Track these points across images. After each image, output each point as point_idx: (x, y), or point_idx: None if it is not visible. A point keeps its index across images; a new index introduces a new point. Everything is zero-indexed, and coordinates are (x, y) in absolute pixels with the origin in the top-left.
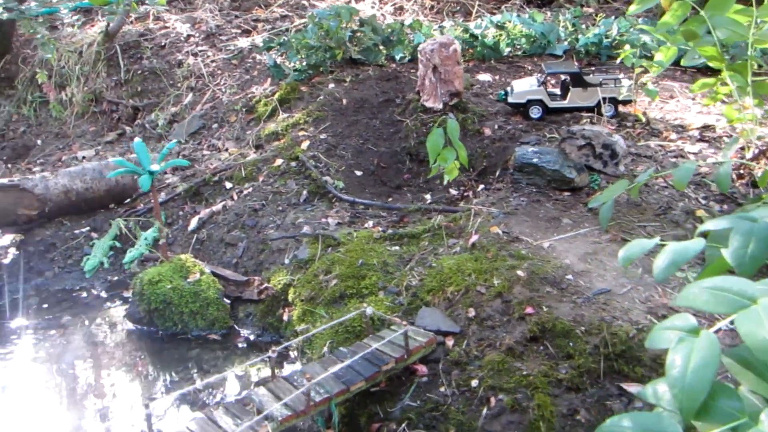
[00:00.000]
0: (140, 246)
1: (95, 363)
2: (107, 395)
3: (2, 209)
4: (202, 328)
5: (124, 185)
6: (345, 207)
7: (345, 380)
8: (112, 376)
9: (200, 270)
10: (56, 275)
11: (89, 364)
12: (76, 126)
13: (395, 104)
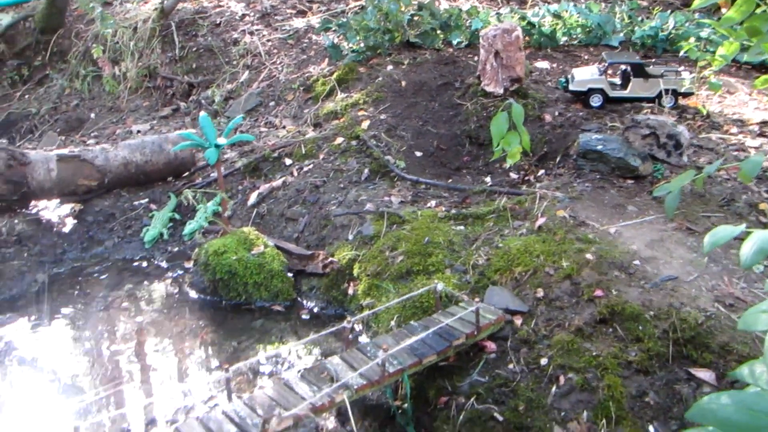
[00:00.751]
0: (200, 218)
1: (160, 330)
2: (175, 362)
3: (63, 179)
4: (265, 299)
5: (183, 159)
6: (407, 186)
7: (417, 353)
8: (178, 344)
9: (263, 243)
10: (116, 245)
11: (155, 332)
12: (129, 100)
13: (454, 88)
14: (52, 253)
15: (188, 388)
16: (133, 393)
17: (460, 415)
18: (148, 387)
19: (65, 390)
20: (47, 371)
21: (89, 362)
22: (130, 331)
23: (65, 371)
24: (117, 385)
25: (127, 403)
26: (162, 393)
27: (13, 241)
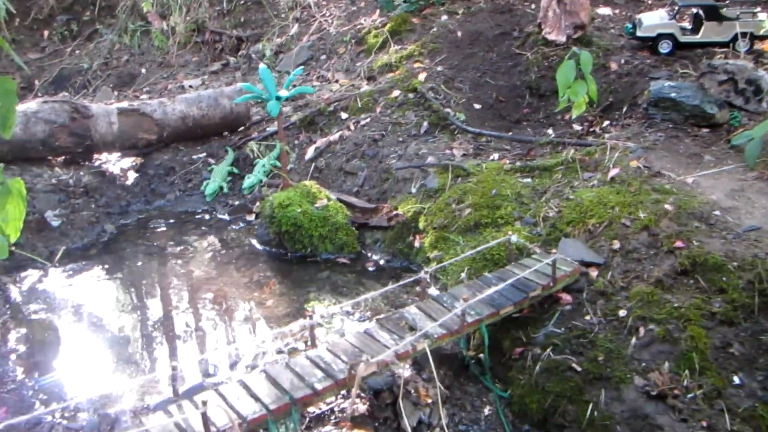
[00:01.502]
0: (258, 172)
1: (228, 281)
2: (246, 310)
3: (123, 132)
4: (330, 251)
5: (238, 113)
6: (467, 139)
7: (494, 304)
8: (247, 293)
9: (326, 196)
10: (177, 198)
11: (223, 282)
12: (179, 56)
13: (512, 37)
14: (118, 205)
15: (263, 334)
16: (210, 339)
17: (536, 365)
18: (221, 334)
19: (141, 336)
20: (120, 318)
21: (161, 310)
22: (199, 281)
23: (138, 318)
24: (193, 332)
25: (207, 348)
26: (239, 339)
27: (80, 192)
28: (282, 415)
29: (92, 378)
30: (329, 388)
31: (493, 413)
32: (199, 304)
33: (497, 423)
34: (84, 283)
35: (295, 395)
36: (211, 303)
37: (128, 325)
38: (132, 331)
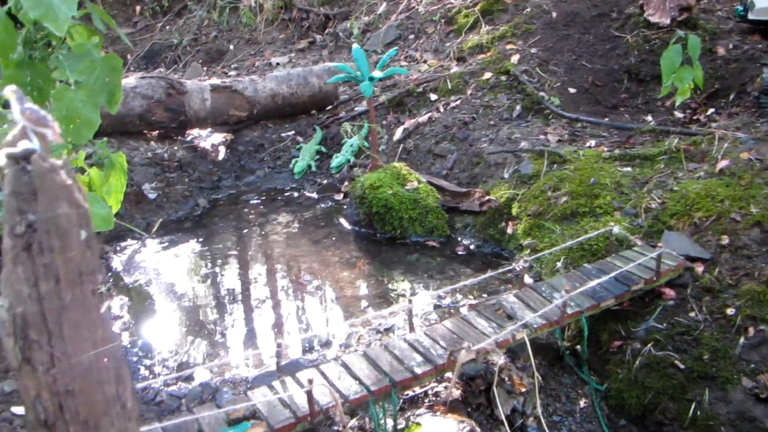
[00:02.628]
0: (346, 152)
1: (318, 259)
2: (335, 289)
3: (216, 109)
4: (420, 234)
5: (327, 92)
6: (562, 124)
7: (595, 296)
8: (336, 272)
9: (416, 179)
10: (267, 175)
11: (313, 260)
12: (266, 33)
13: (611, 19)
14: (210, 180)
15: (356, 314)
16: (302, 316)
17: (636, 360)
18: (313, 311)
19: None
20: (214, 290)
21: (253, 284)
22: (289, 258)
23: (231, 291)
24: (285, 308)
25: (299, 325)
26: (330, 318)
27: (175, 167)
28: (382, 397)
29: (189, 347)
30: (428, 372)
31: (589, 406)
32: (290, 280)
33: (592, 416)
34: (179, 255)
35: (395, 378)
36: (300, 280)
37: (222, 297)
38: (227, 303)
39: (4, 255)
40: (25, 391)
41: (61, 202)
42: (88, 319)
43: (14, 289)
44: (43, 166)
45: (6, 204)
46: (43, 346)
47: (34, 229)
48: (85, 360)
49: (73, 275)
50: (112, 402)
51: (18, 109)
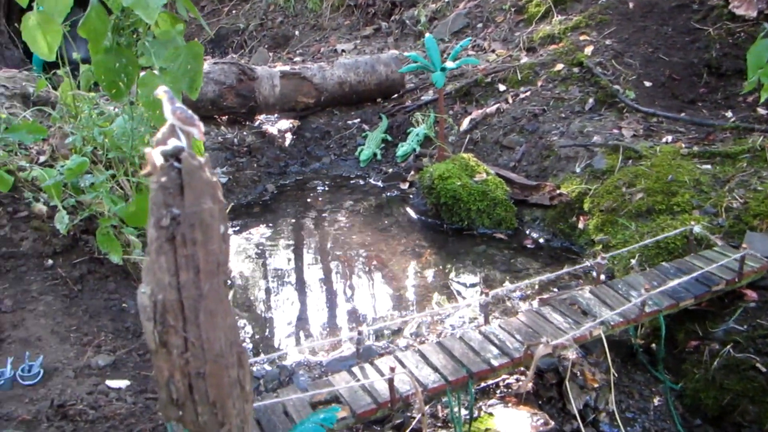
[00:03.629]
0: (411, 141)
1: (384, 247)
2: (403, 278)
3: (284, 95)
4: (488, 226)
5: (393, 80)
6: (636, 119)
7: (675, 296)
8: (403, 261)
9: (484, 170)
10: (333, 162)
11: (379, 248)
12: (331, 19)
13: (691, 10)
14: (277, 166)
15: (428, 304)
16: (371, 304)
17: (714, 360)
18: (382, 299)
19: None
20: (283, 274)
21: (322, 270)
22: (356, 245)
23: (300, 276)
24: (355, 295)
25: (369, 312)
26: (399, 306)
27: (244, 152)
28: (459, 387)
29: (262, 330)
30: (505, 365)
31: (663, 404)
32: (357, 267)
33: (666, 414)
34: (249, 239)
35: (472, 369)
36: (369, 268)
37: (292, 282)
38: (296, 288)
39: (149, 245)
40: (160, 372)
41: (206, 198)
42: (221, 307)
43: (156, 278)
44: (192, 164)
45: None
46: (179, 331)
47: (178, 222)
48: (216, 345)
49: (212, 266)
50: (234, 385)
51: (169, 109)
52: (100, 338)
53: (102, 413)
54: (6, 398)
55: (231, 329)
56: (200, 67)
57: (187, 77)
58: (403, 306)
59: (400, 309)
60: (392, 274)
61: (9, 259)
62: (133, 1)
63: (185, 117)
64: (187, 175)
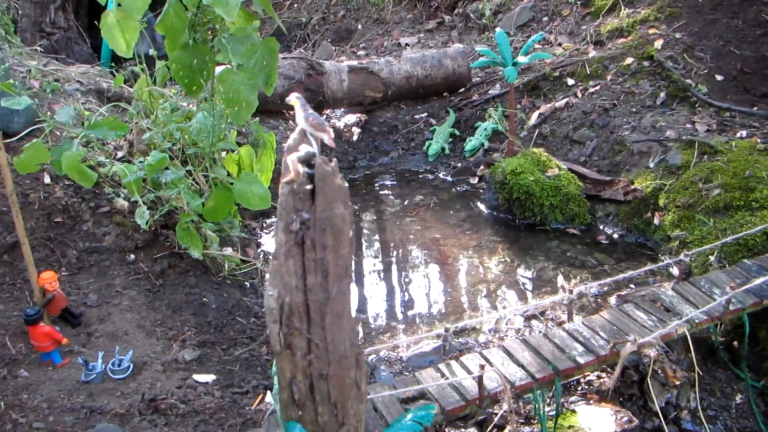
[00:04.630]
0: (480, 136)
1: (456, 242)
2: (476, 274)
3: (352, 89)
4: (560, 221)
5: (460, 74)
6: (709, 113)
7: (759, 294)
8: (476, 257)
9: (557, 165)
10: (401, 156)
11: (451, 243)
12: (393, 12)
13: (762, 2)
14: (345, 160)
15: (505, 300)
16: (447, 300)
17: None
18: (456, 295)
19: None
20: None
21: (394, 265)
22: (428, 240)
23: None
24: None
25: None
26: (475, 303)
27: None
28: (546, 385)
29: None
30: (591, 362)
31: (744, 402)
32: (431, 263)
33: (748, 412)
34: None
35: (558, 366)
36: (441, 263)
37: (367, 277)
38: (371, 283)
39: (277, 249)
40: (282, 372)
41: (337, 203)
42: (347, 309)
43: (283, 281)
44: (326, 170)
45: (283, 202)
46: (303, 333)
47: (307, 226)
48: (341, 347)
49: (341, 270)
50: (353, 385)
51: (302, 115)
52: (185, 333)
53: (192, 407)
54: (98, 392)
55: (353, 331)
56: (275, 63)
57: (263, 73)
58: (479, 302)
59: (477, 305)
60: (466, 270)
61: (93, 254)
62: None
63: (317, 123)
64: (320, 180)
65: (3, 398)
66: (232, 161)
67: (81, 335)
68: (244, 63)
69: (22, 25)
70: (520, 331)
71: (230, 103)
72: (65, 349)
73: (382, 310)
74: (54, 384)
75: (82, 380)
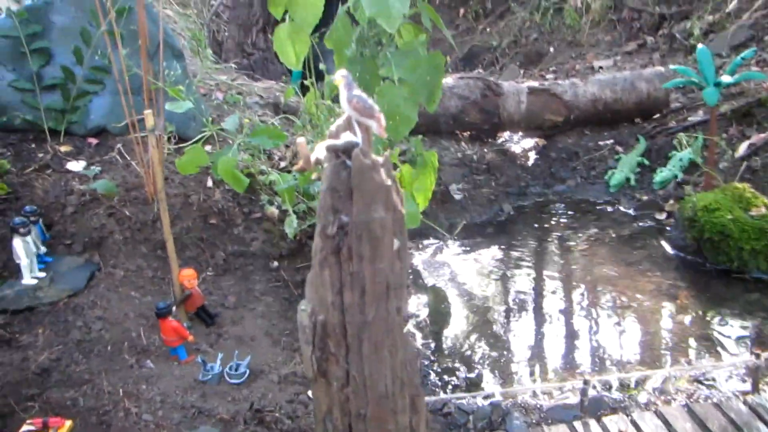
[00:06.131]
0: (673, 167)
1: (631, 284)
2: (650, 322)
3: (531, 112)
4: (764, 270)
5: (656, 99)
6: None
7: None
8: (652, 303)
9: (764, 203)
10: (578, 185)
11: (625, 284)
12: (590, 35)
13: None
14: (517, 185)
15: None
16: (608, 347)
17: None
18: (621, 345)
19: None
20: (511, 301)
21: (554, 301)
22: (597, 278)
23: (530, 306)
24: (589, 334)
25: (602, 356)
26: (641, 355)
27: (483, 169)
28: None
29: (481, 358)
30: None
31: None
32: (596, 304)
33: None
34: (479, 260)
35: None
36: (610, 305)
37: (519, 311)
38: (523, 318)
39: (313, 256)
40: (317, 404)
41: (377, 205)
42: (390, 339)
43: (318, 294)
44: (364, 163)
45: (322, 200)
46: (340, 360)
47: (345, 231)
48: (381, 384)
49: (380, 288)
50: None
51: (345, 96)
52: None
53: (297, 425)
54: (211, 393)
55: (403, 367)
56: (440, 78)
57: (426, 89)
58: (647, 354)
59: (644, 357)
60: (638, 316)
61: (239, 257)
62: (376, 11)
63: (363, 107)
64: (357, 175)
65: (124, 385)
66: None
67: (212, 335)
68: (407, 77)
69: (227, 46)
70: (693, 397)
71: (387, 116)
72: (193, 346)
73: (529, 350)
74: (173, 379)
75: (199, 379)
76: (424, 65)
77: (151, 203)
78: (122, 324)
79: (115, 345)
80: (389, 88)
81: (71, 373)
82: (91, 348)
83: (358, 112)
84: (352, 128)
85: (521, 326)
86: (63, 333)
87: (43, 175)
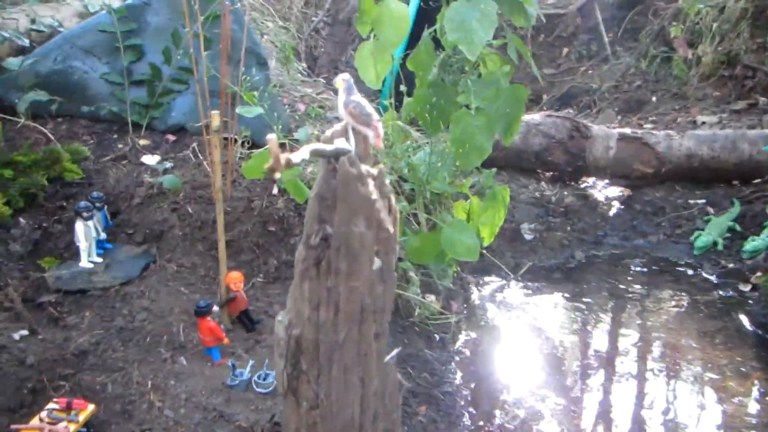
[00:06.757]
0: (767, 237)
1: (701, 355)
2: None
3: (619, 160)
4: None
5: (758, 162)
6: None
7: None
8: (720, 379)
9: None
10: (660, 242)
11: (694, 355)
12: (698, 88)
13: None
14: (593, 234)
15: None
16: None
17: None
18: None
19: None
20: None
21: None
22: (665, 344)
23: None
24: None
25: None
26: None
27: (559, 212)
28: None
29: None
30: None
31: None
32: (660, 371)
33: None
34: (541, 305)
35: None
36: (674, 375)
37: (578, 366)
38: (581, 374)
39: (296, 266)
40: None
41: (358, 218)
42: (363, 366)
43: (296, 307)
44: (350, 172)
45: (309, 208)
46: (311, 380)
47: (328, 244)
48: (347, 412)
49: (354, 308)
50: None
51: (343, 100)
52: None
53: None
54: (237, 399)
55: (378, 398)
56: (519, 112)
57: (504, 121)
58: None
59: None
60: (706, 390)
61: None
62: (458, 36)
63: (360, 113)
64: (342, 184)
65: (154, 378)
66: (462, 208)
67: (250, 341)
68: (485, 107)
69: (321, 61)
70: None
71: (458, 144)
72: (229, 349)
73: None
74: (202, 379)
75: (227, 383)
76: (505, 97)
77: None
78: (165, 318)
79: (154, 337)
80: (464, 116)
81: (107, 358)
82: (131, 337)
83: (354, 118)
84: (347, 135)
85: (569, 389)
86: (108, 318)
87: (118, 165)
